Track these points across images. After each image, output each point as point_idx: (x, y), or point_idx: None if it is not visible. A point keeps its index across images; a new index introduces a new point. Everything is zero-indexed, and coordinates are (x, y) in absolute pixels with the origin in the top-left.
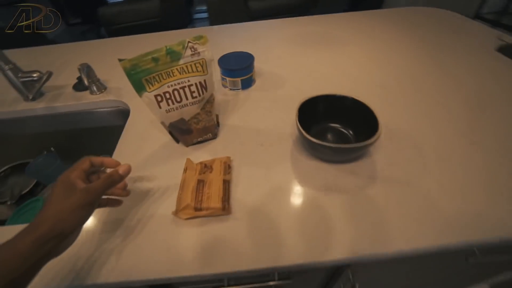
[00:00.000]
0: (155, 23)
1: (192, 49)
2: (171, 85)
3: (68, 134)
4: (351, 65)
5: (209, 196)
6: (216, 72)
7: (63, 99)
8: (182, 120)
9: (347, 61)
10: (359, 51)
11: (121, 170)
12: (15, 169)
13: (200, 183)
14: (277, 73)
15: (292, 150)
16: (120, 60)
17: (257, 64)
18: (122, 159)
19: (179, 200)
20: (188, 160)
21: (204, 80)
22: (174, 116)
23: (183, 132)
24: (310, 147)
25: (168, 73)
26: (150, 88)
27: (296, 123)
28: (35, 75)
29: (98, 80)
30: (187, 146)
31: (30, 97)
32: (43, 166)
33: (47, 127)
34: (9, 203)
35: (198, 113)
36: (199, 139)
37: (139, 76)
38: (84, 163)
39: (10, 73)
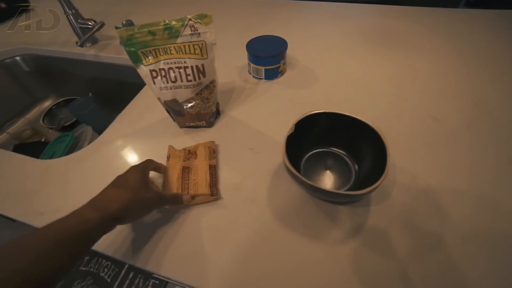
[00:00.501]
0: None
1: (193, 28)
2: (167, 63)
3: (108, 82)
4: (410, 81)
5: (196, 182)
6: (242, 55)
7: (108, 50)
8: (175, 101)
9: (408, 74)
10: (433, 64)
11: (185, 198)
12: (67, 103)
13: (185, 170)
14: (314, 70)
15: (280, 166)
16: (116, 27)
17: (295, 53)
18: (124, 123)
19: (164, 189)
20: (170, 148)
21: (202, 65)
22: (168, 96)
23: (176, 113)
24: (288, 173)
25: (165, 49)
26: (147, 62)
27: (284, 143)
28: (90, 23)
29: None
30: (181, 127)
31: (79, 44)
32: (81, 107)
33: (94, 72)
34: (51, 131)
35: (192, 98)
36: (191, 124)
37: (135, 48)
38: (152, 164)
39: (72, 18)
